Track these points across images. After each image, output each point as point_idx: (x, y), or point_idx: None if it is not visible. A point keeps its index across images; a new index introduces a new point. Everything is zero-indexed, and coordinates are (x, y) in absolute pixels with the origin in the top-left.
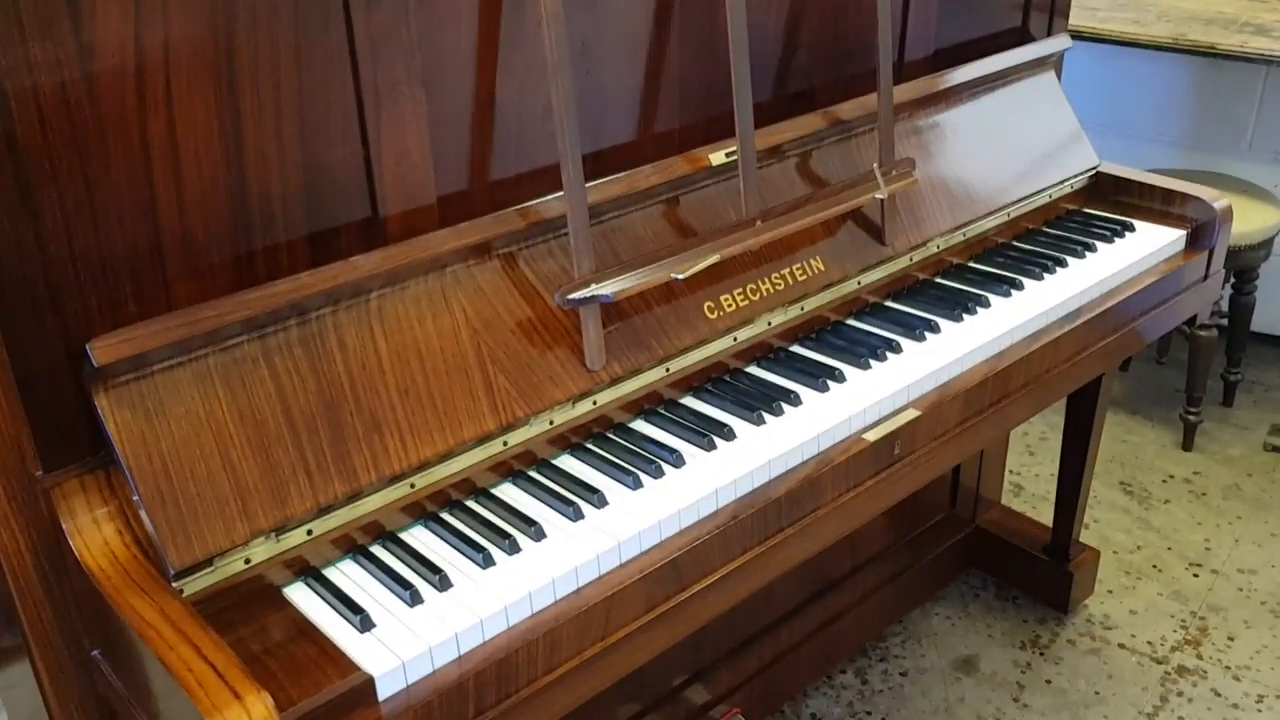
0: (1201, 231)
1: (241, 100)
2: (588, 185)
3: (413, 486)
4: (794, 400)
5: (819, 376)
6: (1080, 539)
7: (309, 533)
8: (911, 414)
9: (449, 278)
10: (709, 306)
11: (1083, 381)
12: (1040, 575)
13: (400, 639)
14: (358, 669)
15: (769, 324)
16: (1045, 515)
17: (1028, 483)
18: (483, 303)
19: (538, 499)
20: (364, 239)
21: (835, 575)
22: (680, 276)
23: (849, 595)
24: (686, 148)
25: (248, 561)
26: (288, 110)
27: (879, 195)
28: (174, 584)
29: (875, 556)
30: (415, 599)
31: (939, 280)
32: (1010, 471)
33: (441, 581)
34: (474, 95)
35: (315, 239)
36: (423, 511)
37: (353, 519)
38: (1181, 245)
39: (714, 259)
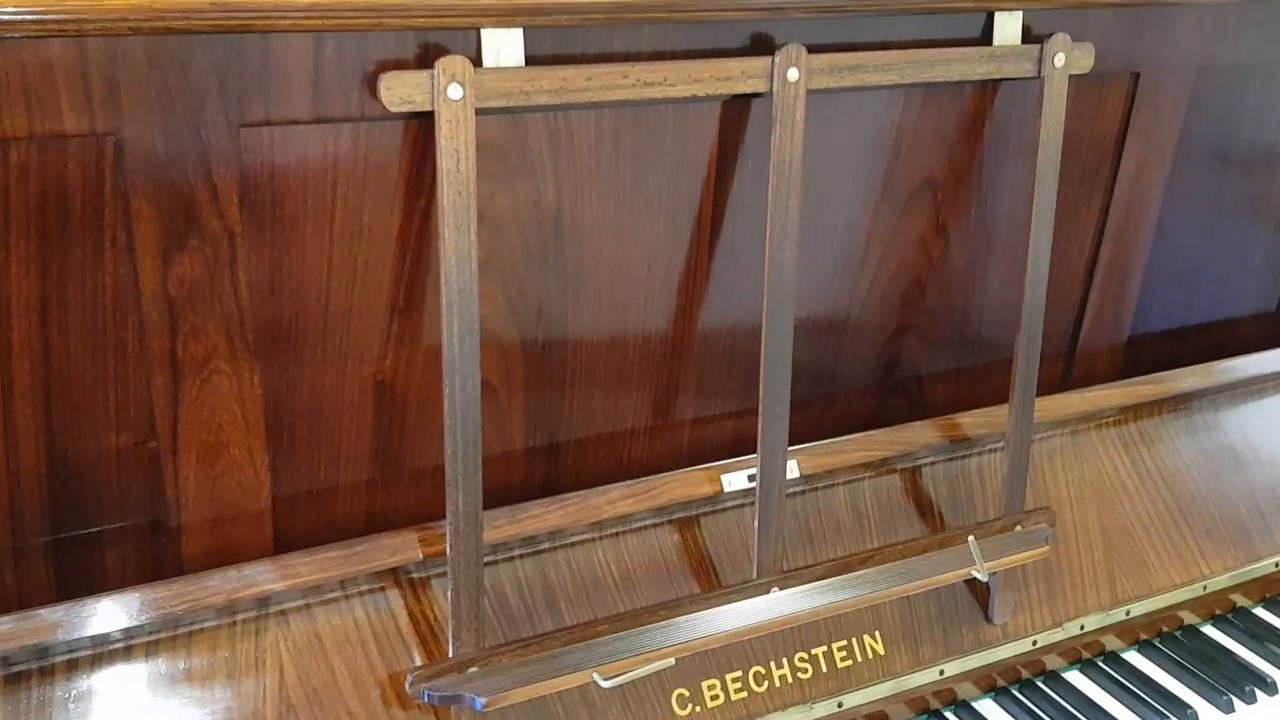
0: None
1: None
2: (531, 505)
3: None
4: None
5: None
6: None
7: None
8: None
9: (273, 620)
10: (681, 695)
11: None
12: None
13: None
14: None
15: None
16: None
17: None
18: (316, 662)
19: None
20: (147, 557)
21: None
22: (605, 684)
23: None
24: (700, 458)
25: None
26: (24, 386)
27: (977, 575)
28: None
29: None
30: None
31: (1069, 676)
32: None
33: None
34: (349, 373)
35: (62, 554)
36: None
37: None
38: None
39: (666, 663)
